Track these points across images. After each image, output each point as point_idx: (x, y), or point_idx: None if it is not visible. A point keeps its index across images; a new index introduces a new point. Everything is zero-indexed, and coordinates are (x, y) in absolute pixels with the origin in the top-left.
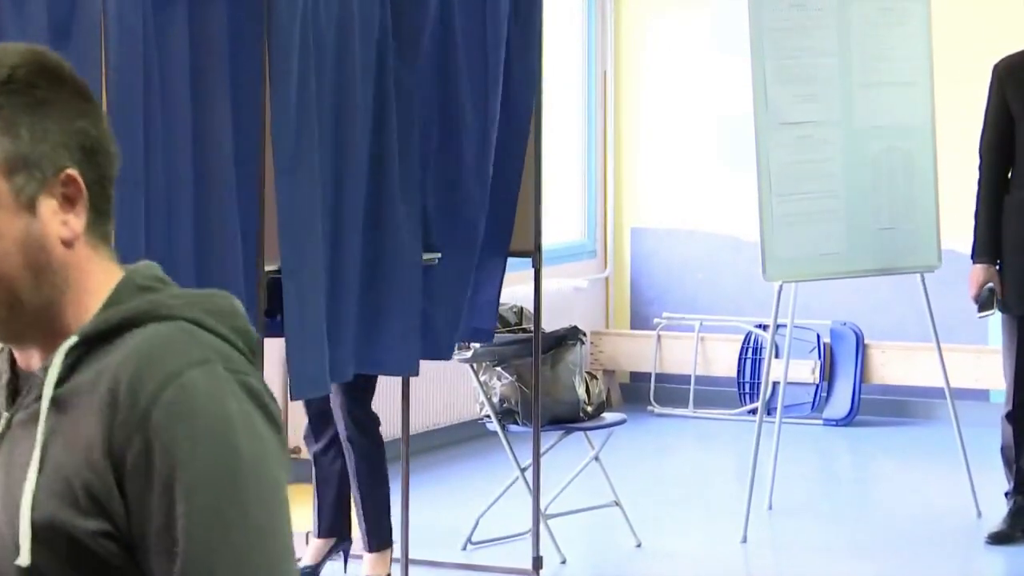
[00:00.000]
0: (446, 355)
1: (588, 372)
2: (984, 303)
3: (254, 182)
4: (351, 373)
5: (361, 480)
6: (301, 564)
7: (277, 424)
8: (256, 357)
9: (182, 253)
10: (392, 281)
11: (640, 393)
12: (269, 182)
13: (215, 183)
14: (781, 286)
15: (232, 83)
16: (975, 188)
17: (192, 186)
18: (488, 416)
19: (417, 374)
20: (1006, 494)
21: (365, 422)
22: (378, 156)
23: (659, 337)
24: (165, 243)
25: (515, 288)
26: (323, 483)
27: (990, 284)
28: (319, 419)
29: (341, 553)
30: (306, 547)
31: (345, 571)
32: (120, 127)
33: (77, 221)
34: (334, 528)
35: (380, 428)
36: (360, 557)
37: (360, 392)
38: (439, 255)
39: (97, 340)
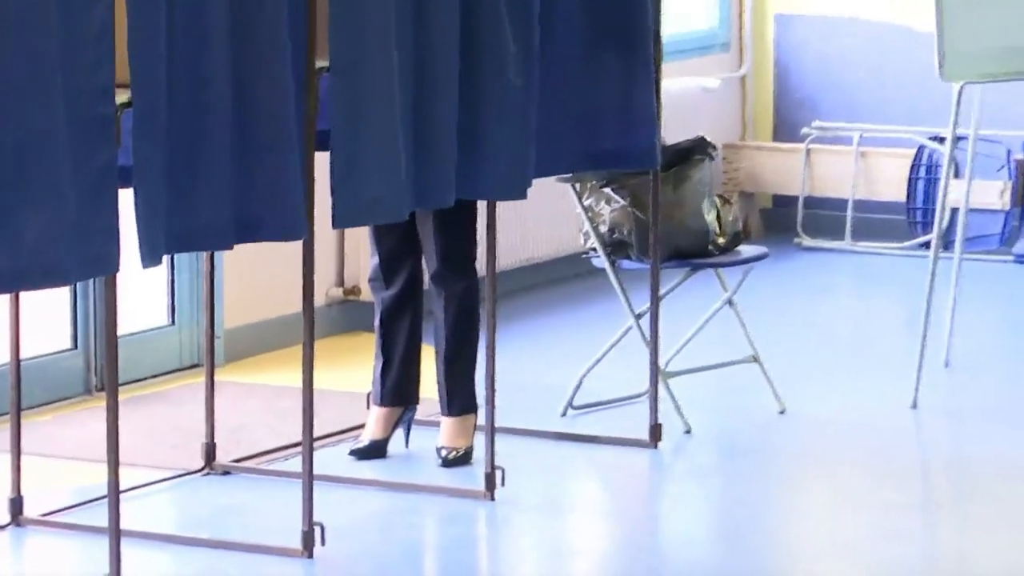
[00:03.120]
0: (566, 169)
1: (720, 195)
2: None
3: None
4: (448, 199)
5: (449, 330)
6: (365, 439)
7: None
8: None
9: (215, 58)
10: (492, 84)
11: (785, 221)
12: None
13: None
14: (962, 88)
15: None
16: None
17: None
18: (594, 249)
19: (525, 197)
20: None
21: (461, 259)
22: None
23: (809, 151)
24: (194, 46)
25: None
26: (390, 339)
27: None
28: (392, 260)
29: (406, 422)
30: (367, 412)
31: (407, 444)
32: None
33: None
34: (401, 393)
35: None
36: (429, 425)
37: (457, 221)
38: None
39: None
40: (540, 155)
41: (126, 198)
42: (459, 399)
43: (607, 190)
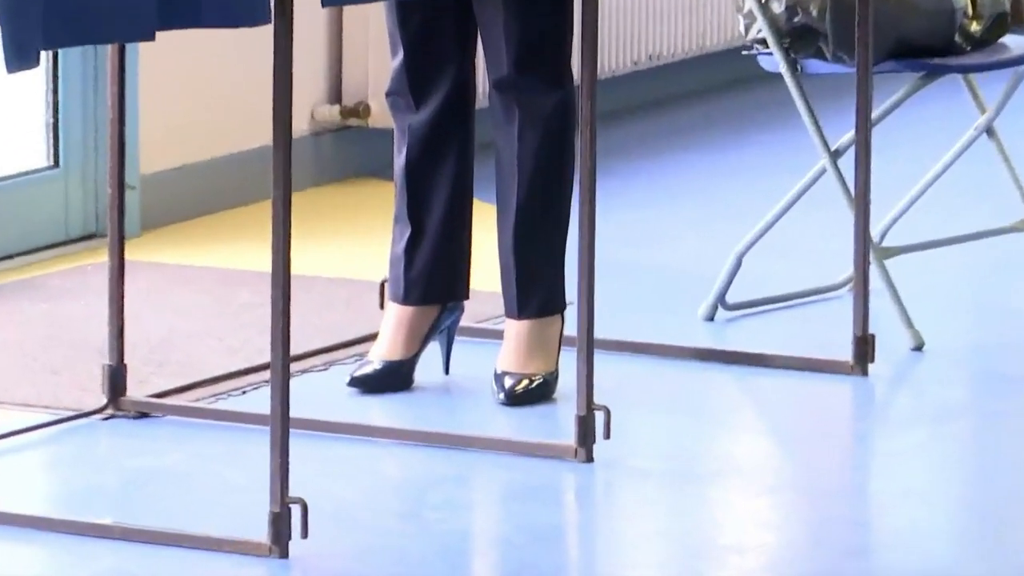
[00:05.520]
0: None
1: None
2: None
3: None
4: None
5: (526, 176)
6: (377, 359)
7: None
8: None
9: None
10: None
11: None
12: None
13: None
14: None
15: None
16: None
17: None
18: (762, 42)
19: None
20: None
21: (549, 57)
22: None
23: None
24: None
25: None
26: (421, 193)
27: None
28: (427, 60)
29: (445, 332)
30: (382, 315)
31: (447, 369)
32: None
33: None
34: (437, 284)
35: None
36: (484, 337)
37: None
38: None
39: None
40: None
41: None
42: (538, 293)
43: None
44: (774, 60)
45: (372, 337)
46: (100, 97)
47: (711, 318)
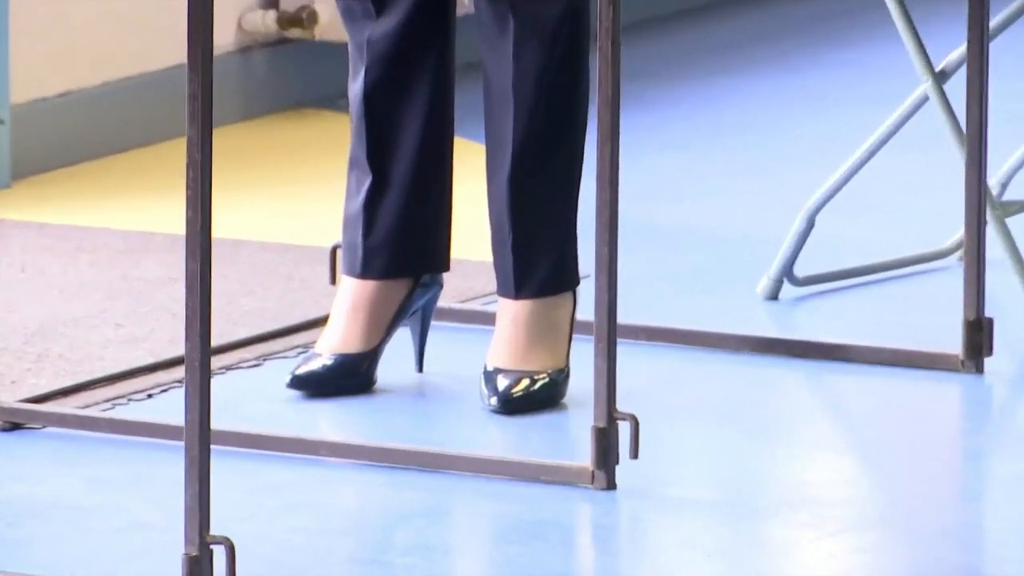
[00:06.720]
0: None
1: None
2: None
3: None
4: None
5: (523, 112)
6: (327, 351)
7: None
8: None
9: None
10: None
11: None
12: None
13: None
14: None
15: None
16: None
17: None
18: None
19: None
20: None
21: None
22: None
23: None
24: None
25: None
26: (385, 132)
27: None
28: None
29: (417, 316)
30: (334, 291)
31: (420, 366)
32: None
33: None
34: (406, 253)
35: None
36: (470, 324)
37: None
38: None
39: None
40: None
41: None
42: (541, 264)
43: None
44: None
45: (320, 322)
46: None
47: (774, 297)
